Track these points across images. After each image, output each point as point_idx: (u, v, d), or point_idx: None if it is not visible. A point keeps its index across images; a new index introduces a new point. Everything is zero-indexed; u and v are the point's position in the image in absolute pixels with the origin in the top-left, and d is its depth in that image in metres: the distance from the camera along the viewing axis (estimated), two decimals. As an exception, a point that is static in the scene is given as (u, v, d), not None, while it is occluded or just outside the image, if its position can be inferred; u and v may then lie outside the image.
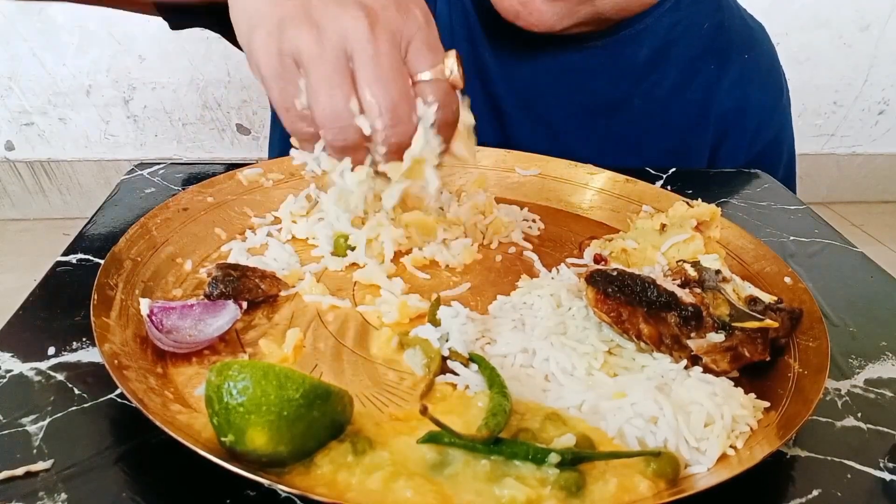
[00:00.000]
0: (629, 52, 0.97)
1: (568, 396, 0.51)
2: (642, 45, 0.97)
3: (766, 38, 1.07)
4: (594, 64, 0.97)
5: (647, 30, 0.96)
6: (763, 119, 1.04)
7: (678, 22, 0.97)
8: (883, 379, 0.59)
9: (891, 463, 0.50)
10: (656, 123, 1.00)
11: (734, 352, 0.54)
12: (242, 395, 0.41)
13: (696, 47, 0.99)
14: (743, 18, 1.05)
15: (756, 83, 1.03)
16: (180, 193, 0.70)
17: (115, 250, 0.59)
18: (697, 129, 1.01)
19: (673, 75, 0.99)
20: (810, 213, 0.88)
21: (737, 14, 1.04)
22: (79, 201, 2.50)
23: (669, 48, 0.98)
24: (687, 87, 1.00)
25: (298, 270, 0.65)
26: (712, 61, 1.00)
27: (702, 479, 0.45)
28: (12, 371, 0.52)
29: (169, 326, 0.54)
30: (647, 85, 0.99)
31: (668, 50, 0.98)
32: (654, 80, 0.99)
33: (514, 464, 0.44)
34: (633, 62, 0.98)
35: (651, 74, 0.99)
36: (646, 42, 0.97)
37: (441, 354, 0.55)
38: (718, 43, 1.00)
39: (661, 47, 0.98)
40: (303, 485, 0.42)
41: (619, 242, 0.71)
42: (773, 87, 1.06)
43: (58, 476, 0.43)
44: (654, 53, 0.98)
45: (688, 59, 0.99)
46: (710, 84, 1.00)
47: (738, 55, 1.01)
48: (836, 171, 2.86)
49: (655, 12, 0.96)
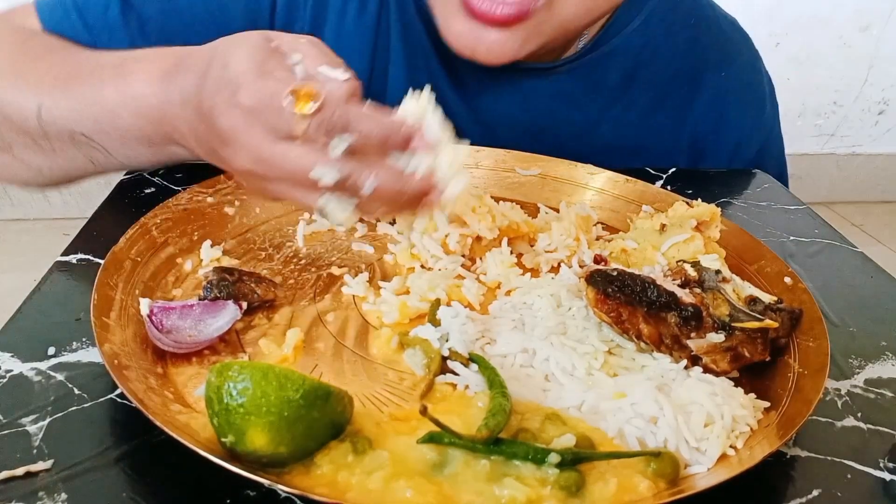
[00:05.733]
0: (596, 76, 0.92)
1: (568, 396, 0.51)
2: (610, 68, 0.92)
3: (748, 47, 1.02)
4: (560, 90, 0.92)
5: (614, 52, 0.91)
6: (742, 138, 1.01)
7: (647, 43, 0.92)
8: (883, 379, 0.59)
9: (891, 463, 0.50)
10: (627, 149, 0.96)
11: (734, 352, 0.54)
12: (242, 396, 0.41)
13: (667, 69, 0.94)
14: (721, 30, 0.99)
15: (733, 102, 0.99)
16: (180, 193, 0.70)
17: (115, 250, 0.59)
18: (671, 153, 0.98)
19: (644, 99, 0.95)
20: (810, 213, 0.88)
21: (714, 26, 0.98)
22: (79, 201, 2.49)
23: (639, 70, 0.93)
24: (658, 109, 0.96)
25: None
26: (685, 82, 0.96)
27: (702, 479, 0.45)
28: (12, 371, 0.52)
29: (169, 326, 0.54)
30: (616, 110, 0.95)
31: (638, 72, 0.93)
32: (624, 104, 0.94)
33: (514, 464, 0.44)
34: (602, 86, 0.93)
35: (621, 98, 0.94)
36: (613, 65, 0.92)
37: (441, 354, 0.54)
38: (691, 63, 0.96)
39: (630, 70, 0.93)
40: (303, 485, 0.42)
41: (619, 242, 0.71)
42: (752, 103, 1.02)
43: (58, 476, 0.43)
44: (622, 77, 0.93)
45: (659, 81, 0.94)
46: (683, 106, 0.96)
47: (714, 74, 0.97)
48: (836, 171, 2.86)
49: (623, 32, 0.91)
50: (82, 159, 0.71)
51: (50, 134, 0.69)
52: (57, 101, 0.68)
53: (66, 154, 0.71)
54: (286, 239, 0.71)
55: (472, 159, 0.86)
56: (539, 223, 0.75)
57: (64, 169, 0.74)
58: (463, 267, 0.68)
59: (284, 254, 0.69)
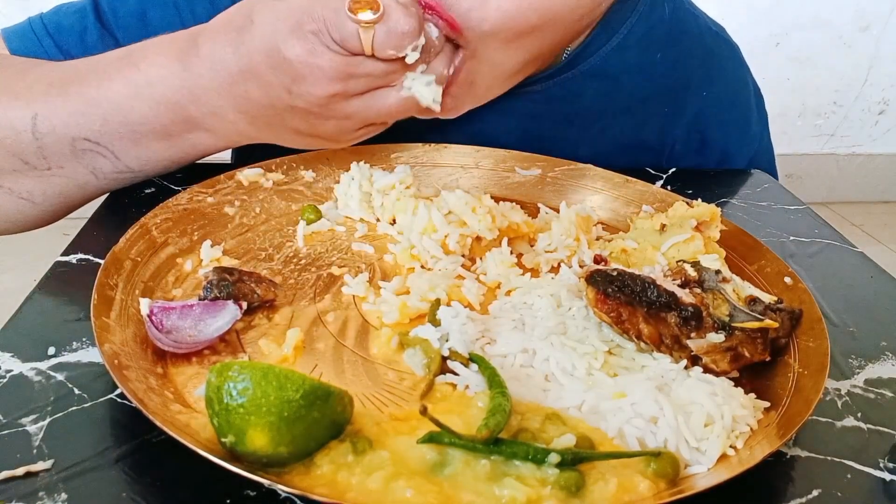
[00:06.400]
0: (572, 96, 0.88)
1: (568, 396, 0.51)
2: (587, 88, 0.88)
3: (733, 59, 0.98)
4: (533, 111, 0.88)
5: (591, 71, 0.86)
6: (726, 156, 0.98)
7: (625, 62, 0.87)
8: (883, 379, 0.59)
9: (891, 463, 0.50)
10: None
11: (734, 352, 0.54)
12: (242, 396, 0.41)
13: (647, 89, 0.91)
14: (704, 46, 0.94)
15: (715, 121, 0.96)
16: (180, 193, 0.70)
17: (115, 250, 0.59)
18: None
19: (622, 120, 0.91)
20: (810, 213, 0.88)
21: (696, 43, 0.93)
22: (79, 201, 2.49)
23: (617, 91, 0.89)
24: (638, 131, 0.93)
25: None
26: (666, 103, 0.92)
27: (702, 479, 0.45)
28: (12, 371, 0.52)
29: (169, 326, 0.54)
30: (594, 130, 0.91)
31: (616, 93, 0.89)
32: (601, 125, 0.91)
33: (514, 464, 0.44)
34: (578, 107, 0.89)
35: (599, 120, 0.91)
36: (591, 85, 0.87)
37: (441, 354, 0.55)
38: (672, 82, 0.92)
39: (608, 91, 0.89)
40: (303, 485, 0.42)
41: (619, 242, 0.71)
42: (737, 119, 0.99)
43: (58, 476, 0.43)
44: (600, 97, 0.89)
45: (638, 101, 0.91)
46: (664, 127, 0.93)
47: (696, 93, 0.93)
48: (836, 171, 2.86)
49: (600, 52, 0.86)
50: (83, 173, 0.68)
51: (47, 147, 0.66)
52: (54, 109, 0.65)
53: (64, 170, 0.68)
54: (286, 239, 0.71)
55: (472, 159, 0.86)
56: (539, 223, 0.75)
57: (60, 191, 0.70)
58: (463, 267, 0.68)
59: (284, 254, 0.69)
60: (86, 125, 0.65)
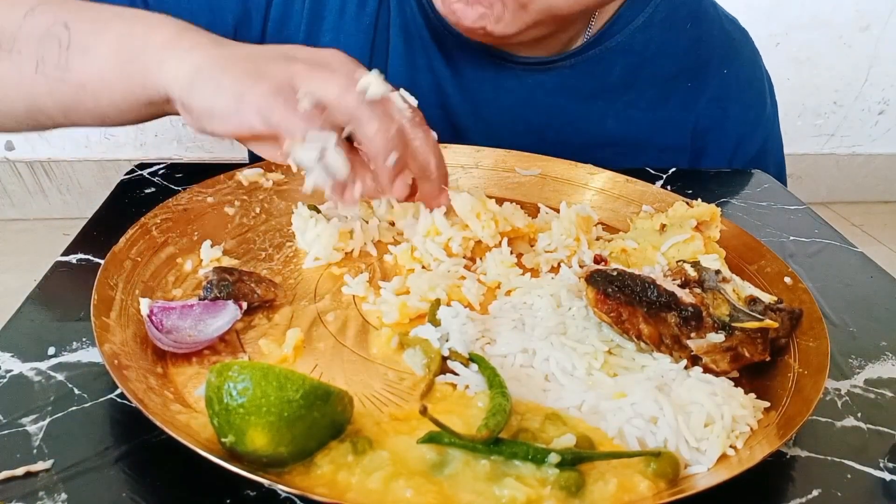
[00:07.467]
0: (600, 71, 0.94)
1: (568, 396, 0.51)
2: (613, 64, 0.94)
3: (748, 45, 1.04)
4: (563, 84, 0.93)
5: (618, 48, 0.93)
6: (744, 134, 1.02)
7: (651, 40, 0.94)
8: (883, 379, 0.59)
9: (891, 463, 0.50)
10: (631, 143, 0.97)
11: (734, 352, 0.54)
12: (242, 396, 0.41)
13: (671, 66, 0.96)
14: (723, 29, 1.01)
15: (735, 98, 1.00)
16: (180, 193, 0.70)
17: (115, 250, 0.59)
18: (674, 148, 0.99)
19: (647, 95, 0.96)
20: (810, 213, 0.88)
21: (716, 25, 1.00)
22: (79, 201, 2.50)
23: (643, 67, 0.95)
24: (662, 106, 0.97)
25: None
26: (689, 79, 0.97)
27: (702, 479, 0.45)
28: (12, 371, 0.52)
29: (169, 326, 0.54)
30: (620, 104, 0.96)
31: (642, 69, 0.95)
32: (627, 100, 0.96)
33: (514, 464, 0.44)
34: (605, 82, 0.95)
35: (625, 94, 0.96)
36: (617, 61, 0.94)
37: (441, 354, 0.55)
38: (695, 60, 0.97)
39: (634, 67, 0.94)
40: (303, 485, 0.42)
41: (619, 242, 0.71)
42: (754, 100, 1.03)
43: (58, 476, 0.43)
44: (626, 73, 0.95)
45: (663, 77, 0.96)
46: (687, 102, 0.98)
47: (717, 71, 0.98)
48: (836, 171, 2.86)
49: (626, 29, 0.92)
50: (29, 60, 0.64)
51: (24, 28, 0.64)
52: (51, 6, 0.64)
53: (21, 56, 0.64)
54: (286, 239, 0.71)
55: (472, 159, 0.86)
56: (539, 223, 0.75)
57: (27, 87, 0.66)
58: (463, 267, 0.68)
59: (284, 254, 0.69)
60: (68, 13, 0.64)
